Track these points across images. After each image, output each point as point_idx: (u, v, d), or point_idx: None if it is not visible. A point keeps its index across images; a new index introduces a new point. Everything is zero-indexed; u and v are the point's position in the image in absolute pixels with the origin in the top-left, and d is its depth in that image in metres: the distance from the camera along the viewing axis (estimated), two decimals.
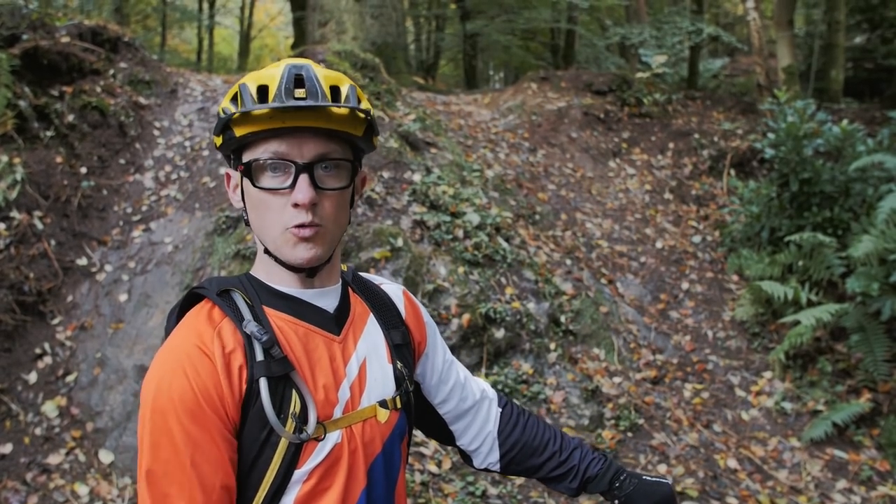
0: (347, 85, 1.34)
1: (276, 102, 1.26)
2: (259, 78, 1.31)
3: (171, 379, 1.25)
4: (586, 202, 7.93)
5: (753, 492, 4.77)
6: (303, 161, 1.29)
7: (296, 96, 1.27)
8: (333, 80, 1.33)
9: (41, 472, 4.28)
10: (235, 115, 1.29)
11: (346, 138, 1.35)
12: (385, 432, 1.43)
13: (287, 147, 1.29)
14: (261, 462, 1.29)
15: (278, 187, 1.30)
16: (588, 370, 5.44)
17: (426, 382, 1.66)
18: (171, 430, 1.23)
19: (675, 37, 12.67)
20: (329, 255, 1.38)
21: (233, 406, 1.26)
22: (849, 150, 6.78)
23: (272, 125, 1.28)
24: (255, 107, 1.26)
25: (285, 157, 1.29)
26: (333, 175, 1.34)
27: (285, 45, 26.39)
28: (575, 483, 1.71)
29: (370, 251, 5.22)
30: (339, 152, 1.34)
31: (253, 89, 1.29)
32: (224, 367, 1.26)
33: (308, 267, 1.36)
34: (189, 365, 1.25)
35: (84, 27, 6.91)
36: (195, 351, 1.27)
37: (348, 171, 1.37)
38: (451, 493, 4.33)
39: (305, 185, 1.28)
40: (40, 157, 5.68)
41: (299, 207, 1.29)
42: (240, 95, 1.31)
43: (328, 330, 1.41)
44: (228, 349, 1.28)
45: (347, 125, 1.32)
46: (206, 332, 1.29)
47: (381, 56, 9.30)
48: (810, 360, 5.88)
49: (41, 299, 5.06)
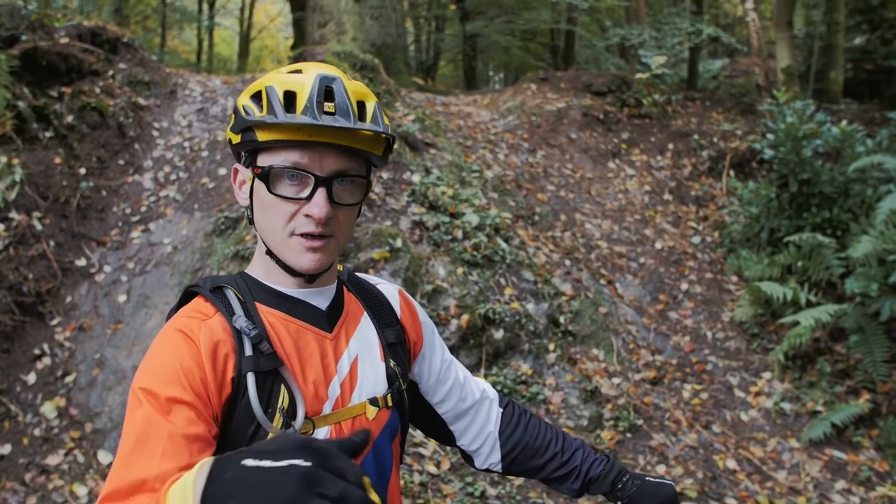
0: (373, 102, 1.34)
1: (306, 116, 1.25)
2: (286, 83, 1.30)
3: (156, 360, 1.26)
4: (585, 203, 7.93)
5: (752, 492, 4.76)
6: (323, 175, 1.29)
7: (325, 110, 1.26)
8: (360, 94, 1.33)
9: (40, 472, 4.28)
10: (261, 120, 1.28)
11: (364, 155, 1.35)
12: (375, 430, 1.43)
13: (308, 159, 1.29)
14: None
15: (295, 196, 1.30)
16: (587, 371, 5.44)
17: (423, 382, 1.66)
18: (150, 407, 1.19)
19: (674, 38, 12.67)
20: (332, 263, 1.40)
21: (215, 391, 1.25)
22: (848, 150, 6.78)
23: (298, 137, 1.27)
24: (286, 119, 1.26)
25: (306, 169, 1.29)
26: (349, 190, 1.34)
27: (285, 46, 26.38)
28: (577, 484, 1.71)
29: (369, 252, 5.22)
30: (357, 169, 1.35)
31: (280, 94, 1.29)
32: (209, 353, 1.26)
33: (310, 274, 1.37)
34: (172, 347, 1.26)
35: (83, 28, 6.91)
36: (180, 336, 1.28)
37: (363, 188, 1.37)
38: (450, 493, 4.33)
39: (322, 200, 1.29)
40: (39, 157, 5.68)
41: (312, 219, 1.30)
42: (266, 99, 1.30)
43: (320, 327, 1.41)
44: (215, 340, 1.28)
45: (370, 145, 1.33)
46: (194, 324, 1.30)
47: (380, 57, 9.30)
48: (809, 361, 5.88)
49: (40, 300, 5.06)
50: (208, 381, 1.25)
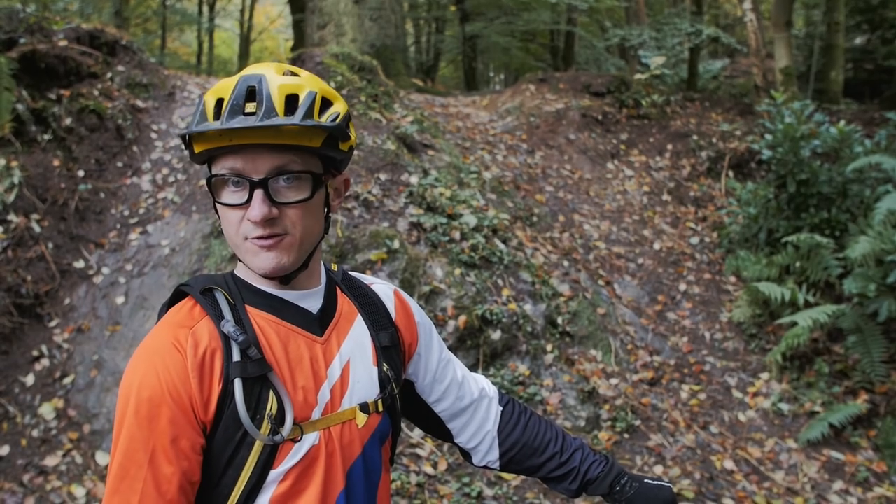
0: (306, 92, 1.30)
1: (217, 122, 1.25)
2: (218, 90, 1.30)
3: (142, 377, 1.27)
4: (584, 204, 7.93)
5: (750, 493, 4.77)
6: (257, 177, 1.27)
7: (245, 111, 1.25)
8: (292, 88, 1.29)
9: (38, 473, 4.29)
10: (187, 131, 1.29)
11: (308, 149, 1.32)
12: (365, 435, 1.42)
13: (242, 163, 1.28)
14: (236, 461, 1.30)
15: (236, 203, 1.30)
16: (585, 372, 5.44)
17: (420, 381, 1.66)
18: (135, 428, 1.25)
19: (674, 38, 12.69)
20: (301, 263, 1.37)
21: (201, 405, 1.27)
22: (846, 151, 6.78)
23: (222, 143, 1.27)
24: (201, 127, 1.26)
25: (240, 174, 1.28)
26: (294, 187, 1.31)
27: (285, 48, 26.44)
28: (575, 485, 1.71)
29: (366, 253, 5.23)
30: (299, 164, 1.31)
31: (211, 103, 1.28)
32: (196, 365, 1.27)
33: (275, 276, 1.35)
34: (160, 362, 1.27)
35: (82, 31, 6.92)
36: (168, 347, 1.28)
37: (309, 183, 1.33)
38: (447, 494, 4.33)
39: (259, 202, 1.27)
40: (38, 160, 5.69)
41: (255, 223, 1.29)
42: (198, 109, 1.30)
43: (310, 331, 1.41)
44: (203, 347, 1.29)
45: (301, 138, 1.29)
46: (182, 330, 1.30)
47: (380, 58, 9.32)
48: (807, 362, 5.88)
49: (38, 302, 5.07)
50: (194, 396, 1.26)
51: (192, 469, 1.28)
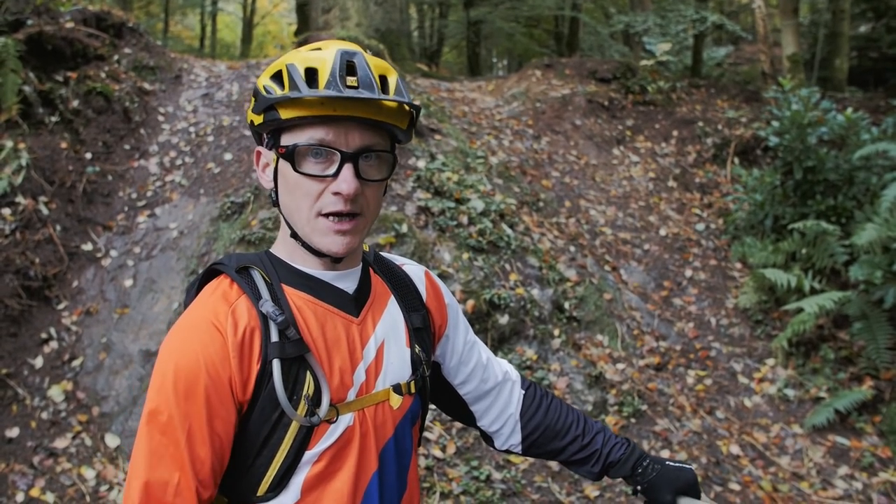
0: (395, 76, 1.32)
1: (329, 90, 1.23)
2: (306, 60, 1.28)
3: (180, 355, 1.26)
4: (590, 189, 7.93)
5: (755, 478, 4.79)
6: (349, 150, 1.27)
7: (348, 84, 1.24)
8: (382, 69, 1.31)
9: (48, 455, 4.31)
10: (284, 97, 1.26)
11: (389, 130, 1.33)
12: (397, 416, 1.43)
13: (333, 135, 1.27)
14: (272, 442, 1.30)
15: (321, 174, 1.28)
16: (591, 356, 5.46)
17: (446, 363, 1.66)
18: (173, 406, 1.23)
19: (679, 25, 12.62)
20: (360, 244, 1.38)
21: (240, 384, 1.26)
22: (853, 138, 6.77)
23: (322, 112, 1.25)
24: (308, 92, 1.23)
25: (331, 146, 1.27)
26: (375, 166, 1.32)
27: (288, 32, 26.31)
28: (597, 467, 1.71)
29: (375, 237, 5.23)
30: (383, 144, 1.33)
31: (301, 71, 1.27)
32: (236, 345, 1.26)
33: (341, 257, 1.36)
34: (199, 341, 1.26)
35: (88, 13, 6.91)
36: (208, 326, 1.27)
37: (389, 163, 1.35)
38: (456, 477, 4.36)
39: (350, 176, 1.27)
40: (45, 142, 5.68)
41: (341, 196, 1.28)
42: (287, 76, 1.28)
43: (347, 311, 1.40)
44: (242, 327, 1.28)
45: (395, 118, 1.31)
46: (221, 309, 1.29)
47: (384, 43, 9.29)
48: (813, 348, 5.89)
49: (47, 284, 5.08)
50: (233, 375, 1.26)
51: (224, 452, 1.28)
